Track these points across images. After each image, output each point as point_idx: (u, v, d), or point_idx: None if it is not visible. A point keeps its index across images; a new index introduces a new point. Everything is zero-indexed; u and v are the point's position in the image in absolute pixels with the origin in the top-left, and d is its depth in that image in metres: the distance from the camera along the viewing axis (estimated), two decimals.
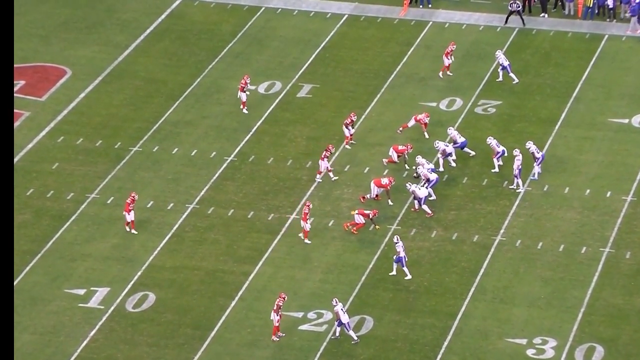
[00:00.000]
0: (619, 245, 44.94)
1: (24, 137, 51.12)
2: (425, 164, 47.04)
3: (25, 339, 41.25)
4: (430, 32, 57.84)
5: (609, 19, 58.70)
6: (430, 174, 46.76)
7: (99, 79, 54.90)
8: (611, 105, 52.75)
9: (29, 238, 45.53)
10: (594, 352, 40.48)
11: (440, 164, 48.10)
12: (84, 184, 48.30)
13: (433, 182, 46.67)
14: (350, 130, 49.88)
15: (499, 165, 48.07)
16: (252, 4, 60.08)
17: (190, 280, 43.63)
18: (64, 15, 59.36)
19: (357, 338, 40.61)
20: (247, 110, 52.30)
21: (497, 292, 42.99)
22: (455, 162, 48.39)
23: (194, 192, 47.79)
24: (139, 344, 40.92)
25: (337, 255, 44.65)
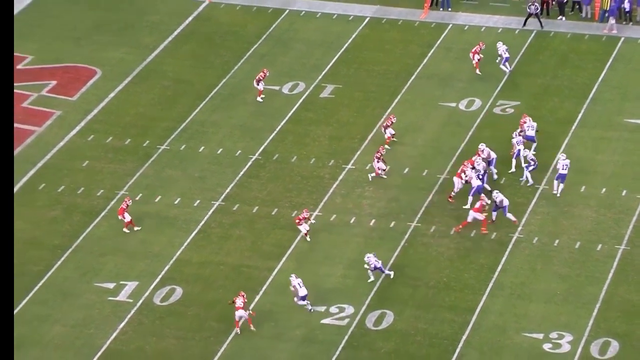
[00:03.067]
0: (634, 242, 44.92)
1: (55, 135, 51.37)
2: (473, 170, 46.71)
3: (56, 331, 41.51)
4: (450, 35, 57.85)
5: (625, 22, 58.61)
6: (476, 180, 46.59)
7: (128, 80, 55.10)
8: (627, 106, 52.69)
9: (59, 233, 45.77)
10: (609, 346, 40.52)
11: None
12: (113, 181, 48.52)
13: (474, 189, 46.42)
14: (390, 132, 49.80)
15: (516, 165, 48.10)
16: (276, 6, 60.19)
17: (216, 275, 43.79)
18: (95, 18, 59.57)
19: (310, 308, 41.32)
20: (261, 99, 52.57)
21: (515, 288, 43.03)
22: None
23: (219, 190, 47.95)
24: (167, 336, 41.12)
25: (358, 251, 44.69)
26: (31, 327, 41.64)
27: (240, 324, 40.97)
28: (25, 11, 60.07)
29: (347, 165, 49.03)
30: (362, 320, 41.71)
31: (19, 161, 49.78)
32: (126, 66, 55.85)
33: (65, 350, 40.76)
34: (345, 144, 50.12)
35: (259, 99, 52.92)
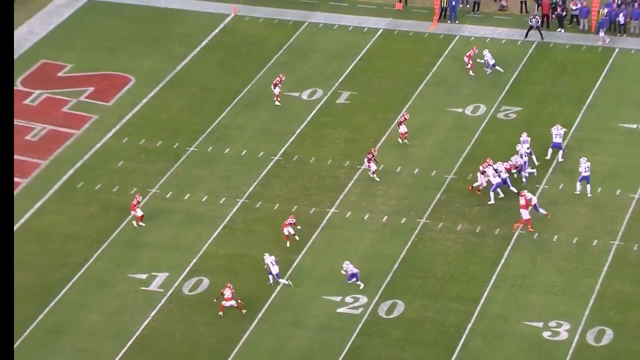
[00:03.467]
0: (628, 238, 44.71)
1: (92, 138, 51.37)
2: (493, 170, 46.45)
3: (93, 318, 41.51)
4: (457, 45, 57.69)
5: (619, 34, 58.37)
6: (495, 177, 46.28)
7: (159, 87, 55.10)
8: (621, 111, 52.47)
9: (96, 228, 45.75)
10: (604, 334, 40.33)
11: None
12: (146, 180, 48.48)
13: (494, 186, 46.24)
14: (404, 129, 49.81)
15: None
16: (296, 19, 60.10)
17: (240, 267, 43.73)
18: (130, 29, 59.62)
19: (288, 282, 41.72)
20: (279, 103, 52.52)
21: (516, 280, 42.85)
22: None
23: (243, 188, 47.86)
24: (195, 323, 41.07)
25: (371, 246, 44.62)
26: (70, 315, 41.64)
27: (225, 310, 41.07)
28: (65, 23, 60.15)
29: (362, 166, 48.90)
30: (375, 309, 41.60)
31: (59, 162, 49.87)
32: (158, 74, 55.83)
33: (101, 336, 40.76)
34: (360, 146, 50.00)
35: (277, 103, 52.79)
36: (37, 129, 52.03)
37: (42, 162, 49.94)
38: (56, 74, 55.98)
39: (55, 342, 40.39)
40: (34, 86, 55.01)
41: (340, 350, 39.92)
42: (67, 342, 40.47)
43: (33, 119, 52.65)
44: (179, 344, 40.34)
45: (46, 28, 59.59)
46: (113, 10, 61.26)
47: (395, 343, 40.17)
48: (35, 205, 47.26)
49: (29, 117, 52.77)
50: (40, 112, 53.18)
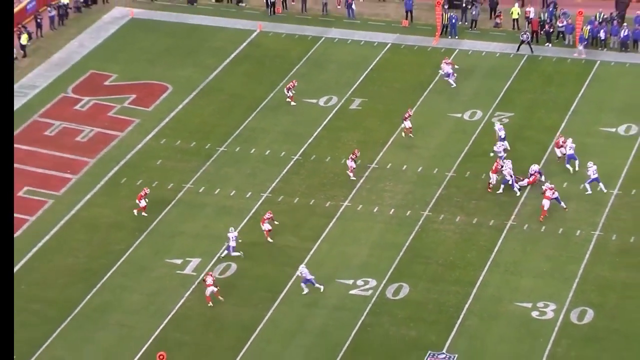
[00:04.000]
0: (607, 229, 44.68)
1: (134, 139, 51.55)
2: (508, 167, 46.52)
3: (134, 299, 41.71)
4: (457, 58, 57.64)
5: (600, 48, 58.29)
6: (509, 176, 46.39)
7: (193, 94, 55.24)
8: (602, 117, 52.38)
9: (137, 219, 45.89)
10: (585, 314, 40.37)
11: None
12: (181, 176, 48.64)
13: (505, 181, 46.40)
14: (408, 124, 50.14)
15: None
16: (314, 34, 60.16)
17: (264, 253, 43.84)
18: (167, 43, 59.79)
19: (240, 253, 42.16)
20: (294, 103, 52.84)
21: (508, 266, 42.89)
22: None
23: (267, 184, 47.99)
24: (224, 303, 41.22)
25: (380, 235, 44.71)
26: (114, 295, 41.87)
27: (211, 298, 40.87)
28: (111, 38, 60.36)
29: (372, 165, 48.99)
30: (383, 291, 41.69)
31: (105, 160, 50.04)
32: (192, 83, 55.99)
33: (141, 314, 40.95)
34: (370, 147, 50.08)
35: (292, 103, 52.94)
36: (86, 131, 52.27)
37: (91, 160, 50.17)
38: (103, 83, 56.21)
39: (101, 319, 40.63)
40: (83, 93, 55.24)
41: (352, 327, 40.02)
42: (112, 319, 40.72)
43: (82, 122, 52.87)
44: (210, 322, 40.52)
45: (94, 42, 59.81)
46: (152, 27, 61.46)
47: (401, 321, 40.27)
48: (84, 198, 47.50)
49: (79, 120, 53.00)
50: (89, 116, 53.41)
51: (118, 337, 39.89)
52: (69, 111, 53.66)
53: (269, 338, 39.73)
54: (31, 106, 53.96)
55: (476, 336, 39.57)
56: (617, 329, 39.71)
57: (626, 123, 51.82)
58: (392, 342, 39.35)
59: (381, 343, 39.35)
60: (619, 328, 39.74)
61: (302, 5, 62.40)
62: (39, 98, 54.68)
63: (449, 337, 39.43)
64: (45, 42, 59.68)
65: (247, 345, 39.41)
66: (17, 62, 57.56)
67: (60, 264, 43.53)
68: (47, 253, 44.20)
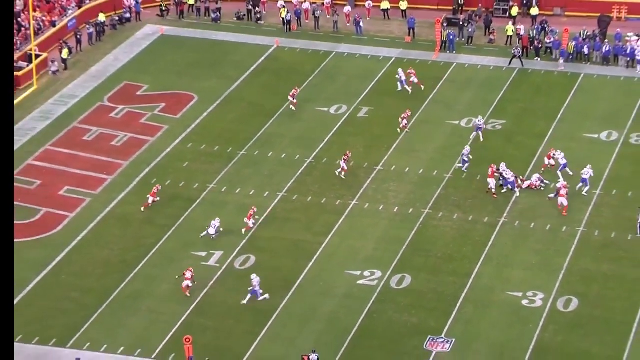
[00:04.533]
0: (590, 226, 44.39)
1: (163, 143, 51.37)
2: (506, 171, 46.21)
3: (163, 287, 41.55)
4: (454, 71, 57.40)
5: (584, 62, 57.91)
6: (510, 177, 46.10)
7: (217, 103, 55.06)
8: (585, 124, 52.06)
9: (166, 215, 45.72)
10: (571, 302, 40.12)
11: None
12: (205, 177, 48.45)
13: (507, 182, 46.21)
14: (405, 122, 50.48)
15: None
16: (326, 49, 59.90)
17: (280, 247, 43.63)
18: (193, 57, 59.63)
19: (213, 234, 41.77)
20: (294, 108, 52.84)
21: (501, 259, 42.62)
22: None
23: (283, 184, 47.76)
24: (243, 292, 41.00)
25: (385, 231, 44.46)
26: (146, 284, 41.66)
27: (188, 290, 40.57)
28: (143, 53, 60.23)
29: (377, 167, 48.72)
30: (387, 281, 41.46)
31: (137, 162, 49.88)
32: (216, 93, 55.81)
33: (170, 302, 40.78)
34: (376, 151, 49.84)
35: (293, 108, 52.85)
36: (120, 136, 52.14)
37: (124, 162, 50.03)
38: (135, 93, 56.07)
39: (133, 306, 40.44)
40: (118, 102, 55.10)
41: (359, 314, 39.80)
42: (143, 306, 40.54)
43: (117, 128, 52.73)
44: (231, 308, 40.30)
45: (128, 56, 59.70)
46: (180, 43, 61.27)
47: (404, 309, 40.02)
48: (118, 197, 47.36)
49: (114, 127, 52.87)
50: (123, 123, 53.27)
51: (148, 322, 39.70)
52: (105, 118, 53.52)
53: (284, 323, 39.50)
54: (71, 114, 53.84)
55: (471, 322, 39.32)
56: (599, 316, 39.43)
57: (607, 130, 51.46)
58: (395, 328, 39.11)
59: (386, 328, 39.12)
60: (600, 315, 39.46)
61: (315, 23, 62.25)
62: (78, 107, 54.56)
63: (447, 323, 39.18)
64: (84, 56, 59.58)
65: (264, 330, 39.18)
66: (58, 74, 57.55)
67: (96, 256, 43.36)
68: (85, 246, 44.04)
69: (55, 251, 43.52)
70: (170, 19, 63.74)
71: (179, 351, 37.64)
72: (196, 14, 63.97)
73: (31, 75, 55.61)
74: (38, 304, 40.66)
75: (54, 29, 60.25)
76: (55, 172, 49.09)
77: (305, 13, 62.91)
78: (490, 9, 62.88)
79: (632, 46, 57.48)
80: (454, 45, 59.50)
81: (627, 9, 62.48)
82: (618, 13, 62.32)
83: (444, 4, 63.70)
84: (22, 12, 59.88)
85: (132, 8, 63.63)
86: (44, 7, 61.56)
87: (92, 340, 38.82)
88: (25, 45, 57.90)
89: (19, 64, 56.89)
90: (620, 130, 51.41)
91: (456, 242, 43.63)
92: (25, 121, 53.15)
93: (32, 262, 42.82)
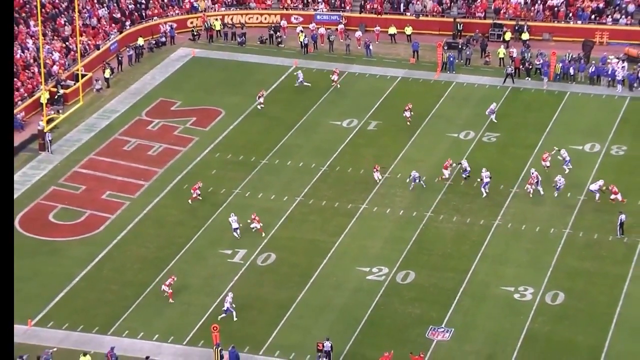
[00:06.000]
0: (575, 227, 44.16)
1: (194, 153, 51.31)
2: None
3: (192, 282, 41.47)
4: (454, 89, 57.23)
5: (570, 82, 57.64)
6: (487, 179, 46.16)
7: (241, 117, 54.99)
8: (571, 137, 51.71)
9: (196, 217, 45.67)
10: (558, 296, 39.94)
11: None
12: (231, 183, 48.40)
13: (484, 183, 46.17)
14: (407, 114, 51.36)
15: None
16: (339, 69, 59.70)
17: (298, 246, 43.54)
18: (221, 76, 59.61)
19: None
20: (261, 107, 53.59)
21: (495, 257, 42.43)
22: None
23: (300, 190, 47.66)
24: (265, 286, 40.99)
25: (391, 231, 44.33)
26: (178, 278, 41.16)
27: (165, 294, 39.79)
28: (176, 72, 60.19)
29: (385, 175, 48.58)
30: (393, 277, 41.33)
31: (171, 170, 49.84)
32: (240, 108, 55.74)
33: (199, 294, 40.64)
34: (384, 161, 49.66)
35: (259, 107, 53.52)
36: (156, 147, 52.17)
37: (159, 170, 50.05)
38: (170, 108, 56.10)
39: (167, 298, 40.35)
40: (154, 117, 55.15)
41: (368, 306, 39.69)
42: (176, 298, 40.35)
43: (153, 139, 52.77)
44: (253, 300, 40.22)
45: (163, 76, 59.75)
46: (209, 64, 61.22)
47: (408, 301, 39.88)
48: (154, 200, 47.37)
49: (150, 138, 52.90)
50: (158, 135, 53.31)
51: (180, 313, 39.67)
52: (142, 131, 53.58)
53: (301, 314, 39.41)
54: (113, 127, 53.92)
55: (469, 314, 39.17)
56: (583, 309, 39.23)
57: (591, 142, 51.18)
58: (400, 318, 38.99)
59: (392, 319, 39.02)
60: (584, 308, 39.26)
61: (329, 46, 62.21)
62: (119, 120, 54.64)
63: (447, 314, 39.04)
64: (124, 76, 59.70)
65: (283, 320, 39.09)
66: (102, 92, 57.64)
67: (134, 253, 43.38)
68: (124, 244, 44.08)
69: (98, 249, 43.56)
70: (200, 42, 63.79)
71: (207, 338, 37.58)
72: (224, 38, 64.05)
73: (78, 93, 55.74)
74: (83, 295, 40.70)
75: (98, 52, 60.44)
76: (98, 179, 49.17)
77: (321, 37, 62.89)
78: (486, 34, 62.70)
79: (613, 67, 57.22)
80: (453, 66, 59.34)
81: (609, 34, 62.23)
82: (600, 38, 62.06)
83: (445, 30, 63.57)
84: (70, 37, 60.09)
85: (167, 33, 63.78)
86: (89, 32, 61.79)
87: (130, 328, 38.84)
88: (73, 66, 58.10)
89: (67, 83, 57.06)
90: (602, 143, 51.12)
91: (455, 242, 43.44)
92: (72, 133, 53.29)
93: (78, 259, 42.87)
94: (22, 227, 45.05)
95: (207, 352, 37.23)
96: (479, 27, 63.08)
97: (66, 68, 58.10)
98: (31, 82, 55.77)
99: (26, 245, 43.56)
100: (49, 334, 38.36)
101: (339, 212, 45.79)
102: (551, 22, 63.12)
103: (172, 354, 37.51)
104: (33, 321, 39.09)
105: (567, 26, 62.88)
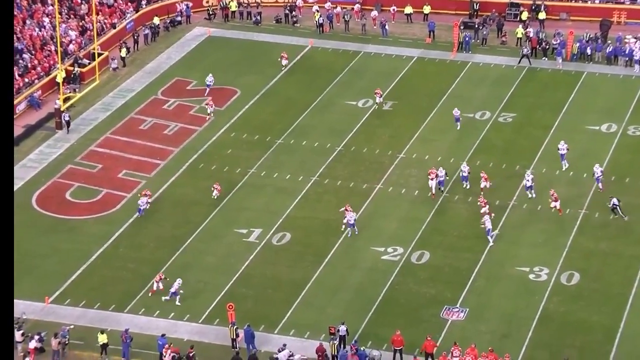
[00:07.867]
0: (591, 208, 44.01)
1: (210, 132, 51.37)
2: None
3: (209, 260, 41.66)
4: (470, 69, 56.96)
5: (587, 62, 57.27)
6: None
7: (257, 97, 54.97)
8: (587, 117, 51.51)
9: (210, 196, 45.67)
10: (573, 277, 39.88)
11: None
12: (247, 163, 48.42)
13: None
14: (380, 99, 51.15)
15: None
16: (355, 49, 59.58)
17: (312, 225, 43.60)
18: (235, 56, 59.51)
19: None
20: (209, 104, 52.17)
21: (510, 237, 42.36)
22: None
23: (315, 169, 47.66)
24: (280, 265, 41.10)
25: (407, 212, 44.30)
26: (194, 257, 41.78)
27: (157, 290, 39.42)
28: (192, 52, 60.16)
29: (400, 155, 48.52)
30: (408, 257, 41.36)
31: (187, 149, 49.94)
32: (255, 88, 55.70)
33: (215, 273, 40.91)
34: (399, 141, 49.60)
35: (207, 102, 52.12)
36: (172, 126, 52.26)
37: (175, 149, 50.15)
38: (185, 87, 56.13)
39: (183, 277, 40.45)
40: (170, 96, 55.21)
41: (383, 286, 39.75)
42: (192, 276, 40.66)
43: (169, 119, 52.84)
44: (269, 280, 40.38)
45: (179, 55, 59.74)
46: (225, 43, 61.15)
47: (423, 282, 39.92)
48: (170, 180, 47.51)
49: (166, 117, 52.98)
50: (174, 114, 53.38)
51: (196, 291, 39.85)
52: (158, 110, 53.66)
53: (316, 293, 39.51)
54: (129, 106, 54.03)
55: (483, 294, 39.19)
56: (598, 289, 39.19)
57: (607, 122, 50.90)
58: (415, 298, 39.05)
59: (407, 299, 39.07)
60: (599, 288, 39.22)
61: (345, 26, 62.01)
62: (135, 99, 54.74)
63: (462, 294, 39.07)
64: (140, 55, 59.74)
65: (298, 299, 39.23)
66: (118, 71, 57.71)
67: (150, 232, 43.57)
68: (140, 223, 44.26)
69: (115, 227, 43.79)
70: (216, 22, 63.68)
71: (222, 316, 37.80)
72: (239, 17, 63.93)
73: (94, 72, 55.87)
74: (99, 273, 40.97)
75: (114, 31, 60.49)
76: (114, 157, 49.34)
77: (336, 17, 62.67)
78: (503, 14, 62.33)
79: (631, 47, 56.82)
80: (469, 46, 59.05)
81: (627, 14, 61.73)
82: (618, 18, 61.57)
83: (461, 9, 63.22)
84: (87, 15, 60.14)
85: (183, 12, 63.71)
86: (106, 10, 61.79)
87: (147, 306, 39.07)
88: (89, 45, 58.19)
89: (83, 61, 57.18)
90: (619, 123, 50.84)
91: (470, 222, 43.36)
92: (88, 112, 53.45)
93: (94, 237, 43.13)
94: (39, 205, 45.33)
95: (223, 330, 37.43)
96: (496, 7, 62.70)
97: (82, 47, 58.19)
98: (48, 61, 55.93)
99: (43, 223, 43.85)
100: (66, 311, 38.65)
101: (354, 192, 45.79)
102: (568, 2, 62.70)
103: (188, 332, 37.73)
104: (50, 298, 39.38)
105: (585, 5, 62.44)
